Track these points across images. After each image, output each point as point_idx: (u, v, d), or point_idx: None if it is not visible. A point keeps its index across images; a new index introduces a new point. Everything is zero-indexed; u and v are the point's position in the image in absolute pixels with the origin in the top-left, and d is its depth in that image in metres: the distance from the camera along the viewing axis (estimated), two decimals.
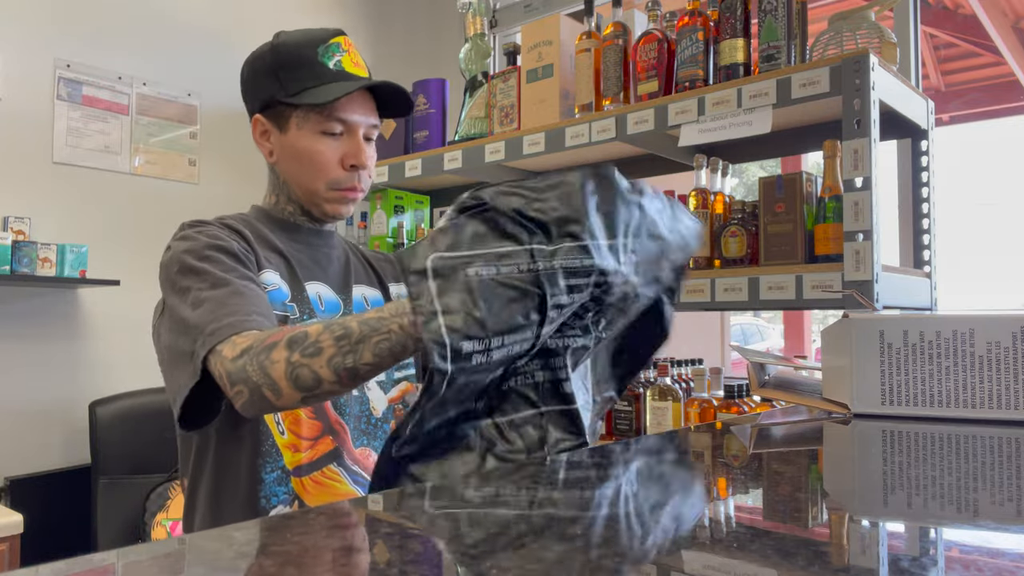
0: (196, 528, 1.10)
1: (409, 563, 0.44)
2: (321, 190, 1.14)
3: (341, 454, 1.12)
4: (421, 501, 0.61)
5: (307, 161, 1.13)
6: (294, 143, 1.13)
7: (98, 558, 0.45)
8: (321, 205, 1.16)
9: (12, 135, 2.38)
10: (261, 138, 1.17)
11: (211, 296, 0.97)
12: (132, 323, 2.60)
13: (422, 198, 2.78)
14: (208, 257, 1.02)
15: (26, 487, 2.30)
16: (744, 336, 7.68)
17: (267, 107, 1.15)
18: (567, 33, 2.12)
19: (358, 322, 0.82)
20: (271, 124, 1.15)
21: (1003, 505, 0.60)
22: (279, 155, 1.16)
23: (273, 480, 1.06)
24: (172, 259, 1.04)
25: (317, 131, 1.12)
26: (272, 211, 1.21)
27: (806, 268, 1.56)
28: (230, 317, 0.94)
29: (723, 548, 0.48)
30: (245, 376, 0.87)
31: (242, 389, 0.88)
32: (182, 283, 1.01)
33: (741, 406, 1.73)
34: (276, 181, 1.20)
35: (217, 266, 1.01)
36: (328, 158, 1.13)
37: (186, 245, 1.04)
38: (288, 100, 1.11)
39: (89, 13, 2.55)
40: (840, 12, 1.70)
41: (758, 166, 4.05)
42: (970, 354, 0.96)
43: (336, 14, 3.22)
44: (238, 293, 0.98)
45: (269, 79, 1.12)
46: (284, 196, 1.19)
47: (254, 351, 0.87)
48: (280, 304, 1.09)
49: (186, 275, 1.01)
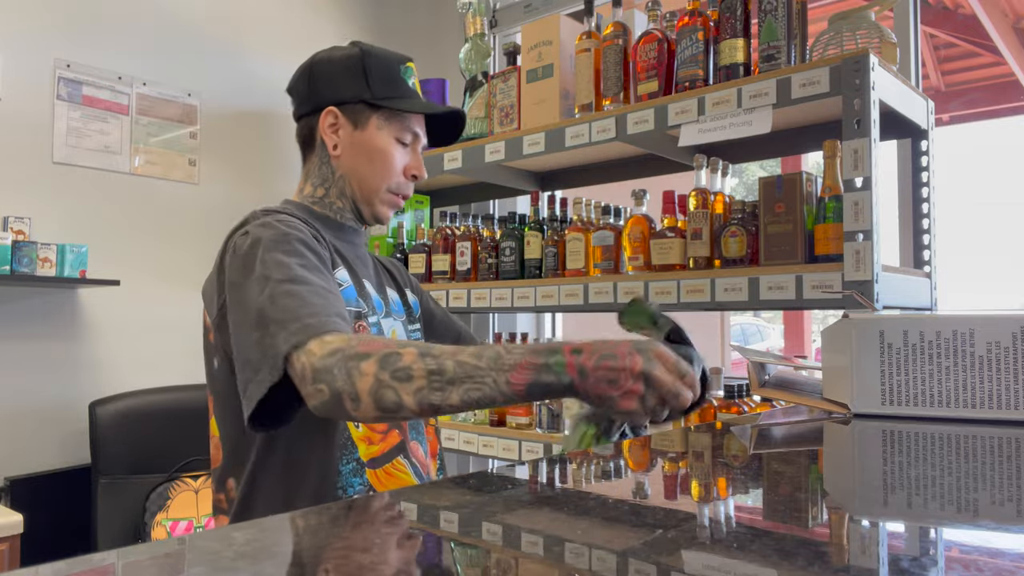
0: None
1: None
2: (381, 190, 1.21)
3: (405, 447, 1.16)
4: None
5: (379, 159, 1.19)
6: (370, 141, 1.19)
7: (98, 558, 0.45)
8: (375, 205, 1.22)
9: (12, 135, 2.38)
10: (329, 130, 1.19)
11: (295, 291, 0.96)
12: (132, 323, 2.60)
13: (422, 198, 2.78)
14: (294, 250, 1.02)
15: (26, 487, 2.30)
16: (744, 336, 7.68)
17: (344, 103, 1.18)
18: (567, 33, 2.12)
19: (453, 362, 0.86)
20: (346, 119, 1.19)
21: (1003, 505, 0.60)
22: (347, 149, 1.20)
23: (349, 471, 1.08)
24: (253, 244, 1.03)
25: (393, 136, 1.20)
26: (315, 206, 1.22)
27: (806, 268, 1.56)
28: (313, 318, 0.93)
29: (723, 548, 0.48)
30: (331, 377, 0.88)
31: (323, 388, 0.89)
32: (263, 271, 1.00)
33: (741, 406, 1.73)
34: (329, 175, 1.22)
35: (301, 261, 1.02)
36: (397, 162, 1.21)
37: (270, 233, 1.04)
38: (376, 102, 1.17)
39: (89, 13, 2.55)
40: (840, 12, 1.70)
41: (758, 166, 4.04)
42: (970, 354, 0.96)
43: (336, 14, 3.22)
44: (320, 293, 0.98)
45: (356, 79, 1.18)
46: (336, 190, 1.22)
47: (344, 354, 0.88)
48: (353, 301, 1.13)
49: (268, 264, 1.00)
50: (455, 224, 2.44)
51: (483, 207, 2.86)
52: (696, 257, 1.76)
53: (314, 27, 3.14)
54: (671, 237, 1.80)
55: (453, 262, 2.38)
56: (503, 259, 2.22)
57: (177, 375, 2.63)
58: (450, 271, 2.38)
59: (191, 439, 2.41)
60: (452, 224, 2.44)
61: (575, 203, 2.11)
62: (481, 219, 2.43)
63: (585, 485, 0.72)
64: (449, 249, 2.39)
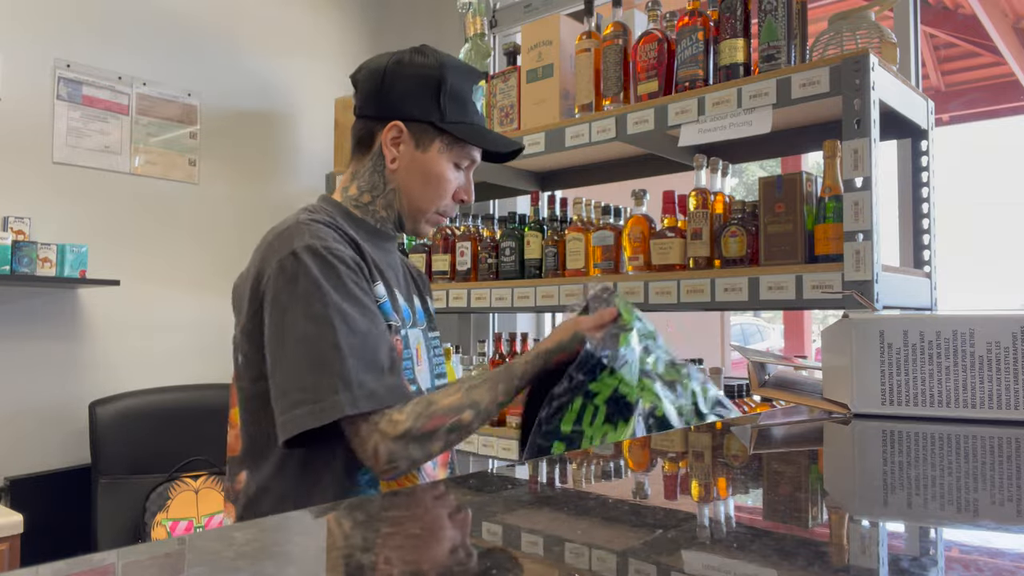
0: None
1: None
2: (430, 212, 1.23)
3: None
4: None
5: (435, 183, 1.21)
6: (430, 164, 1.20)
7: (98, 558, 0.45)
8: (419, 223, 1.24)
9: (12, 135, 2.38)
10: (391, 143, 1.19)
11: (350, 345, 1.02)
12: (132, 323, 2.60)
13: None
14: (348, 293, 1.05)
15: (26, 487, 2.30)
16: (744, 336, 7.68)
17: (412, 120, 1.18)
18: (567, 33, 2.12)
19: (487, 389, 1.10)
20: (410, 136, 1.19)
21: (1003, 505, 0.60)
22: (405, 166, 1.20)
23: (366, 483, 1.11)
24: (306, 276, 1.04)
25: (452, 161, 1.22)
26: (355, 210, 1.22)
27: (806, 268, 1.56)
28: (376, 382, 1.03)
29: (723, 548, 0.48)
30: (407, 456, 1.03)
31: (399, 466, 1.03)
32: (318, 308, 1.02)
33: (741, 406, 1.73)
34: (380, 184, 1.22)
35: (355, 305, 1.05)
36: (451, 187, 1.23)
37: (321, 268, 1.05)
38: (443, 127, 1.18)
39: (89, 13, 2.55)
40: (840, 12, 1.70)
41: (758, 166, 4.05)
42: (970, 354, 0.96)
43: (336, 14, 3.22)
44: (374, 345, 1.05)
45: (429, 98, 1.18)
46: (383, 201, 1.22)
47: (413, 435, 1.03)
48: (389, 314, 1.15)
49: (324, 302, 1.02)
50: (455, 224, 2.44)
51: (483, 207, 2.86)
52: (696, 257, 1.76)
53: (314, 27, 3.14)
54: (671, 237, 1.80)
55: (453, 262, 2.38)
56: (503, 259, 2.22)
57: (177, 375, 2.64)
58: (450, 271, 2.38)
59: (191, 439, 2.41)
60: (452, 224, 2.44)
61: (575, 203, 2.11)
62: (481, 219, 2.43)
63: (585, 485, 0.72)
64: (449, 249, 2.39)
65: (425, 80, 1.17)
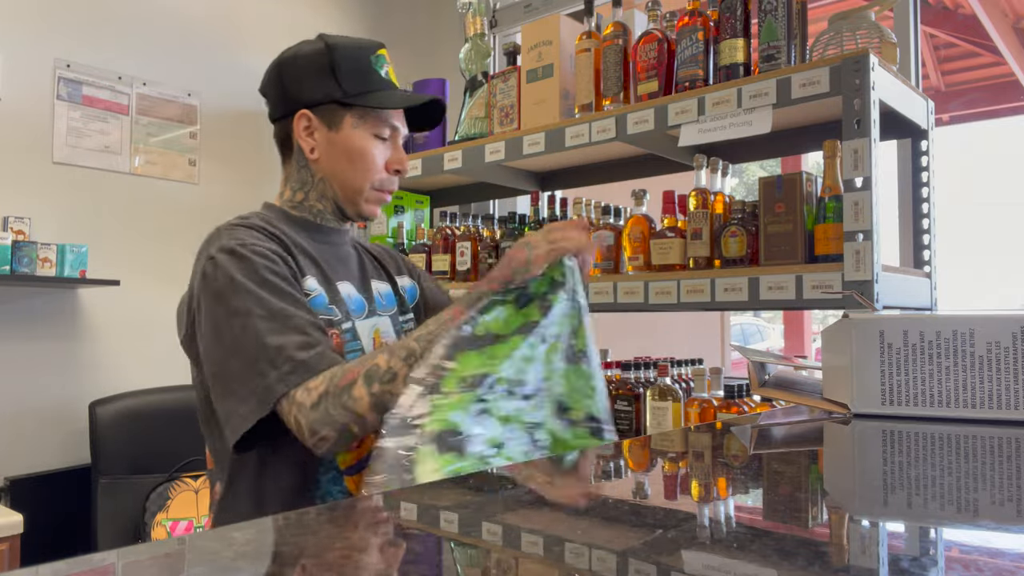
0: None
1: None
2: (365, 189, 1.19)
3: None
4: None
5: (359, 159, 1.17)
6: (347, 141, 1.17)
7: (98, 558, 0.45)
8: (360, 204, 1.20)
9: (12, 135, 2.38)
10: (304, 133, 1.18)
11: (270, 328, 0.99)
12: (132, 323, 2.60)
13: (422, 198, 2.78)
14: (264, 281, 1.03)
15: (26, 487, 2.30)
16: (744, 336, 7.68)
17: (316, 104, 1.16)
18: (567, 33, 2.12)
19: (415, 339, 0.99)
20: (320, 121, 1.17)
21: (1003, 505, 0.60)
22: (324, 152, 1.18)
23: (328, 480, 1.09)
24: (223, 275, 1.03)
25: (370, 133, 1.18)
26: (293, 210, 1.21)
27: (806, 268, 1.56)
28: (298, 352, 0.98)
29: (723, 548, 0.48)
30: (330, 420, 0.96)
31: (327, 434, 0.96)
32: (235, 303, 1.01)
33: (741, 406, 1.73)
34: (308, 178, 1.20)
35: (273, 291, 1.03)
36: (378, 160, 1.19)
37: (238, 264, 1.04)
38: (348, 100, 1.15)
39: (89, 13, 2.55)
40: (840, 12, 1.70)
41: (758, 166, 4.05)
42: (970, 354, 0.96)
43: (336, 14, 3.22)
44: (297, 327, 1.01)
45: (325, 77, 1.15)
46: (316, 193, 1.20)
47: (332, 395, 0.96)
48: (323, 308, 1.11)
49: (241, 295, 1.01)
50: (455, 224, 2.44)
51: (483, 207, 2.86)
52: (696, 257, 1.76)
53: (314, 27, 3.13)
54: (671, 237, 1.80)
55: (453, 262, 2.37)
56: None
57: (177, 375, 2.63)
58: (450, 271, 2.38)
59: (191, 439, 2.41)
60: (452, 224, 2.44)
61: (575, 203, 2.11)
62: (481, 219, 2.43)
63: (584, 485, 0.72)
64: (449, 249, 2.39)
65: (316, 62, 1.16)
